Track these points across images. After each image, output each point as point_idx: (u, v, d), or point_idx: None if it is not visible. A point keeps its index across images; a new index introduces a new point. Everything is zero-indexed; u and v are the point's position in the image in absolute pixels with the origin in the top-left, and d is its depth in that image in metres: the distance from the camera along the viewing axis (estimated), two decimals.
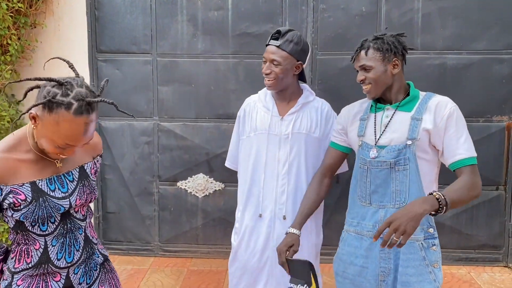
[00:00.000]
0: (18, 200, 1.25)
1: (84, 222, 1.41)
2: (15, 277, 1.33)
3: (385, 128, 1.69)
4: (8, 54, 2.96)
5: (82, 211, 1.41)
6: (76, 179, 1.38)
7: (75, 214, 1.38)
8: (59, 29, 3.17)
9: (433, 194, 1.45)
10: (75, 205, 1.36)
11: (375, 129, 1.72)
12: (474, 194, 1.55)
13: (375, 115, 1.75)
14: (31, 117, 1.21)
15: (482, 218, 3.16)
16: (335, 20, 3.05)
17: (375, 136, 1.71)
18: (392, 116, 1.70)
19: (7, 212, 1.28)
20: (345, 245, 1.79)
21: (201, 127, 3.22)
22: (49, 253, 1.33)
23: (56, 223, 1.33)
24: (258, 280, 2.05)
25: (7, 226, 2.89)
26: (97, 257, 1.47)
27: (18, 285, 1.33)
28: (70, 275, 1.38)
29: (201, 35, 3.13)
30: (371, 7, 3.02)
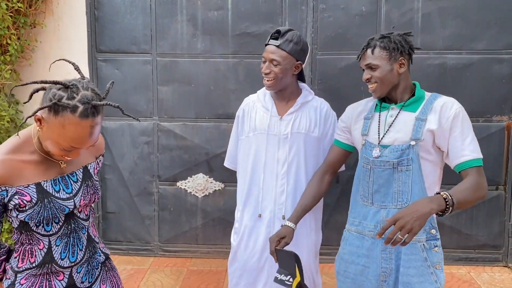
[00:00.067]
0: (23, 201, 1.25)
1: (87, 221, 1.42)
2: (18, 276, 1.34)
3: (389, 127, 1.68)
4: (7, 54, 2.96)
5: (86, 211, 1.42)
6: (80, 180, 1.39)
7: (78, 214, 1.38)
8: (58, 29, 3.16)
9: (440, 193, 1.43)
10: (79, 206, 1.36)
11: (379, 128, 1.71)
12: (480, 195, 1.54)
13: (379, 114, 1.74)
14: (36, 119, 1.21)
15: (482, 218, 3.16)
16: (335, 20, 3.05)
17: (379, 135, 1.70)
18: (397, 116, 1.68)
19: (11, 213, 1.28)
20: (346, 244, 1.79)
21: (201, 127, 3.22)
22: (53, 253, 1.33)
23: (60, 224, 1.33)
24: (258, 280, 2.05)
25: (6, 226, 2.88)
26: (99, 255, 1.48)
27: (22, 284, 1.33)
28: (73, 274, 1.38)
29: (201, 35, 3.13)
30: (371, 7, 3.02)
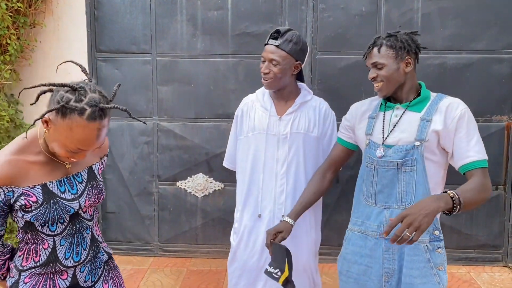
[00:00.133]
0: (29, 202, 1.26)
1: (91, 222, 1.43)
2: (22, 274, 1.35)
3: (394, 127, 1.67)
4: (7, 54, 2.96)
5: (90, 211, 1.43)
6: (85, 180, 1.40)
7: (83, 215, 1.39)
8: (58, 28, 3.16)
9: (447, 192, 1.42)
10: (84, 206, 1.37)
11: (383, 128, 1.70)
12: (484, 196, 1.53)
13: (384, 114, 1.73)
14: (43, 121, 1.22)
15: (481, 218, 3.16)
16: (334, 20, 3.05)
17: (383, 135, 1.69)
18: (402, 116, 1.67)
19: (17, 213, 1.29)
20: (349, 244, 1.78)
21: (200, 127, 3.22)
22: (57, 252, 1.34)
23: (65, 224, 1.34)
24: (258, 280, 2.05)
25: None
26: (102, 255, 1.49)
27: (26, 283, 1.34)
28: (76, 274, 1.39)
29: (201, 35, 3.13)
30: (371, 7, 3.01)
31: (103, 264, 1.49)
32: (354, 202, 1.81)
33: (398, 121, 1.67)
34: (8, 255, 1.39)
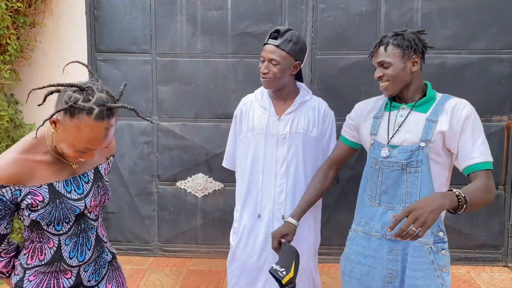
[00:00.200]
0: (36, 201, 1.27)
1: (97, 222, 1.45)
2: (27, 272, 1.36)
3: (399, 127, 1.66)
4: (7, 53, 2.95)
5: (95, 211, 1.44)
6: (91, 181, 1.41)
7: (88, 215, 1.41)
8: (58, 28, 3.16)
9: (452, 190, 1.40)
10: (89, 206, 1.38)
11: (388, 128, 1.68)
12: (489, 198, 1.51)
13: (389, 114, 1.71)
14: (51, 122, 1.23)
15: (481, 217, 3.16)
16: (334, 19, 3.05)
17: (388, 135, 1.67)
18: (407, 116, 1.66)
19: (23, 211, 1.30)
20: (352, 244, 1.77)
21: (200, 127, 3.22)
22: (62, 251, 1.35)
23: (70, 224, 1.35)
24: (257, 280, 2.05)
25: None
26: (106, 255, 1.50)
27: (30, 281, 1.36)
28: (80, 273, 1.41)
29: (201, 34, 3.12)
30: (371, 7, 3.01)
31: (107, 264, 1.51)
32: (358, 202, 1.80)
33: (403, 121, 1.66)
34: (13, 253, 1.40)
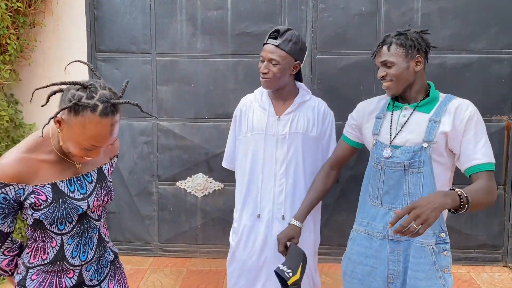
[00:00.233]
0: (39, 201, 1.28)
1: (99, 222, 1.45)
2: (29, 271, 1.37)
3: (402, 128, 1.65)
4: (7, 53, 2.95)
5: (98, 211, 1.44)
6: (95, 181, 1.41)
7: (91, 215, 1.41)
8: (58, 28, 3.16)
9: (454, 190, 1.39)
10: (92, 206, 1.39)
11: (390, 128, 1.68)
12: (491, 199, 1.50)
13: (392, 114, 1.70)
14: (55, 121, 1.24)
15: (481, 217, 3.16)
16: (334, 19, 3.05)
17: (390, 135, 1.67)
18: (410, 116, 1.65)
19: (27, 210, 1.30)
20: (354, 244, 1.77)
21: (200, 127, 3.22)
22: (65, 251, 1.36)
23: (73, 223, 1.36)
24: (257, 280, 2.05)
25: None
26: (108, 254, 1.51)
27: (33, 280, 1.36)
28: (82, 272, 1.41)
29: (201, 34, 3.12)
30: (371, 7, 3.01)
31: (109, 263, 1.51)
32: (360, 202, 1.79)
33: (406, 121, 1.65)
34: (16, 251, 1.41)
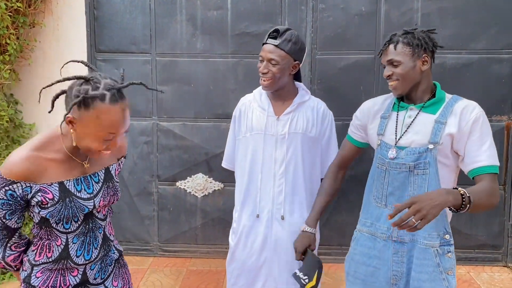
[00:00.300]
0: (46, 199, 1.29)
1: (105, 221, 1.46)
2: (34, 269, 1.38)
3: (407, 128, 1.63)
4: (7, 53, 2.95)
5: (104, 211, 1.46)
6: (102, 181, 1.42)
7: (97, 214, 1.42)
8: (58, 28, 3.16)
9: (457, 189, 1.38)
10: (98, 206, 1.40)
11: (396, 128, 1.66)
12: (493, 201, 1.49)
13: (397, 114, 1.68)
14: (67, 122, 1.25)
15: (481, 217, 3.16)
16: (334, 19, 3.04)
17: (396, 136, 1.65)
18: (416, 117, 1.63)
19: (34, 208, 1.32)
20: (357, 245, 1.76)
21: (200, 127, 3.22)
22: (69, 250, 1.37)
23: (79, 223, 1.37)
24: (256, 280, 2.05)
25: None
26: (113, 253, 1.52)
27: (37, 277, 1.38)
28: (86, 271, 1.43)
29: (201, 34, 3.12)
30: (371, 7, 3.01)
31: (114, 262, 1.52)
32: (364, 203, 1.78)
33: (411, 122, 1.63)
34: (23, 248, 1.42)
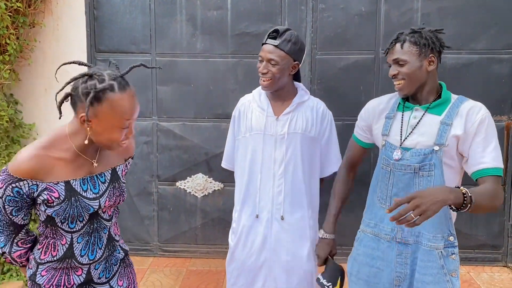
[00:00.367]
0: (52, 198, 1.29)
1: (110, 222, 1.46)
2: (40, 267, 1.39)
3: (412, 129, 1.61)
4: (6, 53, 2.95)
5: (109, 211, 1.45)
6: (108, 181, 1.43)
7: (102, 215, 1.42)
8: (58, 28, 3.16)
9: (460, 188, 1.37)
10: (104, 206, 1.40)
11: (401, 129, 1.64)
12: (496, 203, 1.47)
13: (402, 114, 1.66)
14: (82, 121, 1.26)
15: (481, 217, 3.16)
16: (334, 20, 3.05)
17: (401, 137, 1.63)
18: (421, 118, 1.61)
19: (40, 206, 1.32)
20: (361, 245, 1.75)
21: (200, 127, 3.22)
22: (74, 249, 1.38)
23: (84, 222, 1.37)
24: (256, 280, 2.05)
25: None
26: (118, 253, 1.52)
27: (42, 276, 1.39)
28: (91, 270, 1.43)
29: (200, 34, 3.12)
30: (371, 7, 3.01)
31: (119, 261, 1.52)
32: (368, 203, 1.77)
33: (417, 123, 1.61)
34: (30, 244, 1.43)
